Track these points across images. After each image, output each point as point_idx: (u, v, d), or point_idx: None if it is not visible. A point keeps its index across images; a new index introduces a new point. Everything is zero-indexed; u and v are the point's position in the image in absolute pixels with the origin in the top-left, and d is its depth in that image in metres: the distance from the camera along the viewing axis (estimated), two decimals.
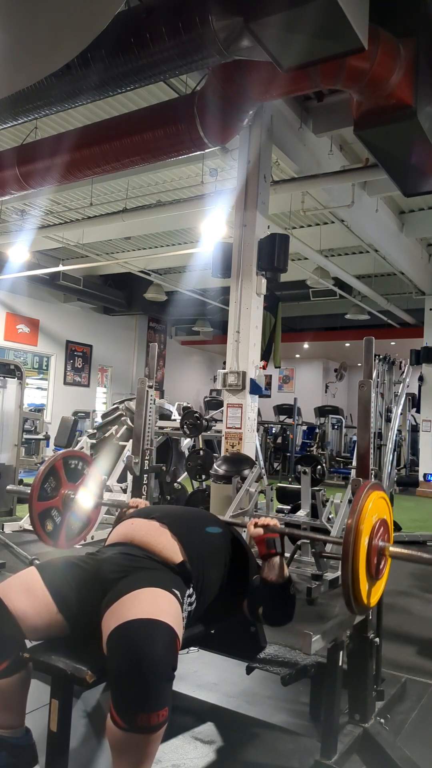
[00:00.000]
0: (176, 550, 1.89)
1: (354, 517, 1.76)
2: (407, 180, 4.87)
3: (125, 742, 1.47)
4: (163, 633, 1.54)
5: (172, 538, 1.92)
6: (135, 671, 1.45)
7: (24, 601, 1.72)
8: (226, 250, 5.71)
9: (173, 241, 10.47)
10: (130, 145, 4.91)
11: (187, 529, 2.02)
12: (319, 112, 5.91)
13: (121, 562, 1.83)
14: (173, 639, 1.56)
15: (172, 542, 1.91)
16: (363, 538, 1.77)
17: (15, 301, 12.14)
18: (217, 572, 2.00)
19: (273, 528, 2.05)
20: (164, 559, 1.86)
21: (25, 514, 5.77)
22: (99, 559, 1.89)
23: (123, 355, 15.09)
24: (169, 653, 1.52)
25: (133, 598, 1.62)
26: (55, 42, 3.01)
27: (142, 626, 1.53)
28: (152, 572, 1.79)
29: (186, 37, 3.46)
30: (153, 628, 1.53)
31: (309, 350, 17.16)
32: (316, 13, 3.10)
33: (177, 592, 1.73)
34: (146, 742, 1.47)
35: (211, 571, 1.97)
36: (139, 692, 1.45)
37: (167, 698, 1.48)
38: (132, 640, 1.51)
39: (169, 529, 1.95)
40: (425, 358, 11.15)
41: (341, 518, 4.47)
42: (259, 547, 2.05)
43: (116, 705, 1.47)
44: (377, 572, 1.83)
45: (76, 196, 8.42)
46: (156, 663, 1.47)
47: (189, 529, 2.04)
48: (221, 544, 2.09)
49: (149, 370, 3.01)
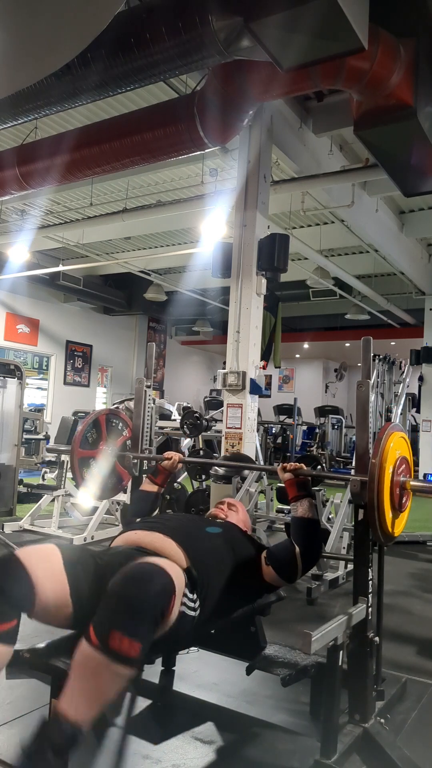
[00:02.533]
0: (181, 557, 1.94)
1: (378, 454, 1.98)
2: (407, 180, 4.88)
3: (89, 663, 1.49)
4: (162, 579, 1.62)
5: (177, 547, 1.97)
6: (125, 597, 1.54)
7: (43, 571, 1.72)
8: (226, 250, 5.71)
9: (173, 241, 10.47)
10: (130, 145, 4.91)
11: (188, 536, 2.06)
12: (319, 112, 5.91)
13: (131, 555, 1.90)
14: (170, 589, 1.63)
15: (177, 550, 1.96)
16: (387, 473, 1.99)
17: (15, 301, 12.14)
18: (221, 574, 2.03)
19: (300, 472, 2.26)
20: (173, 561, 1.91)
21: (25, 514, 5.78)
22: (110, 554, 1.96)
23: (123, 355, 15.09)
24: (161, 597, 1.60)
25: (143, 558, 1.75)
26: (55, 42, 3.01)
27: (145, 566, 1.64)
28: None
29: (186, 37, 3.46)
30: (157, 572, 1.63)
31: (309, 350, 17.16)
32: (316, 13, 3.10)
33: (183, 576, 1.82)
34: (108, 671, 1.48)
35: (215, 576, 2.00)
36: (122, 614, 1.51)
37: (145, 636, 1.52)
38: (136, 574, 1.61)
39: (172, 539, 2.00)
40: (425, 358, 11.15)
41: (341, 518, 4.47)
42: (289, 490, 2.25)
43: (96, 621, 1.53)
44: (400, 505, 2.07)
45: (76, 196, 8.42)
46: (147, 598, 1.55)
47: (190, 535, 2.08)
48: (222, 544, 2.13)
49: (147, 370, 3.01)
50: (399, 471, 2.08)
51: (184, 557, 1.94)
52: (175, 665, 2.55)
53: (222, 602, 2.03)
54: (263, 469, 5.22)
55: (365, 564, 2.11)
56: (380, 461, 1.98)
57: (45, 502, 5.77)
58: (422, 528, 6.46)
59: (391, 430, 2.08)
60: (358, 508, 2.11)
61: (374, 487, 1.96)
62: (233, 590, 2.07)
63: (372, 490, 1.97)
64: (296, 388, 18.46)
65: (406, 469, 2.14)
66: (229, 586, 2.05)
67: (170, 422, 6.97)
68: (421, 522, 6.95)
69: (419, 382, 11.34)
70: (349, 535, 4.49)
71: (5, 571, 1.67)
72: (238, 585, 2.08)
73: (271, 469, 2.54)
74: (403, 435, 2.19)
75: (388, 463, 2.02)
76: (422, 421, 11.42)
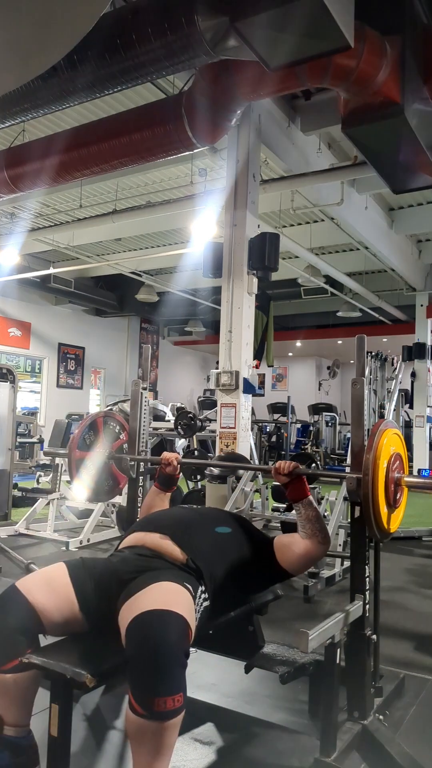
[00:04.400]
0: (177, 554, 2.00)
1: (371, 451, 1.99)
2: (396, 177, 4.89)
3: (144, 730, 1.52)
4: (175, 622, 1.62)
5: (173, 545, 2.02)
6: (150, 657, 1.54)
7: (45, 595, 1.79)
8: (216, 250, 5.71)
9: (164, 241, 10.46)
10: (118, 146, 4.90)
11: (190, 534, 2.10)
12: (307, 111, 5.92)
13: (136, 562, 1.97)
14: (185, 627, 1.64)
15: (174, 548, 2.02)
16: (381, 470, 2.00)
17: (6, 305, 12.09)
18: (228, 571, 2.05)
19: (296, 472, 2.29)
20: (173, 560, 1.98)
21: (20, 518, 5.76)
22: (115, 560, 2.02)
23: (116, 356, 15.06)
24: (182, 640, 1.61)
25: (147, 593, 1.72)
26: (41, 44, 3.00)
27: (156, 616, 1.62)
28: (164, 570, 1.90)
29: (172, 37, 3.45)
30: (166, 617, 1.62)
31: (302, 348, 17.18)
32: (302, 12, 3.10)
33: (189, 586, 1.83)
34: (164, 730, 1.52)
35: (221, 571, 2.03)
36: (155, 677, 1.53)
37: (182, 683, 1.55)
38: (147, 629, 1.59)
39: (171, 539, 2.05)
40: (417, 354, 11.20)
41: (336, 515, 4.48)
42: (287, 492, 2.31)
43: (134, 692, 1.54)
44: (395, 501, 2.09)
45: (66, 198, 8.40)
46: (169, 649, 1.55)
47: (192, 534, 2.11)
48: (231, 543, 2.16)
49: (143, 372, 3.00)
50: (393, 467, 2.09)
51: (180, 553, 1.99)
52: None
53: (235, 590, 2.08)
54: (259, 469, 5.23)
55: (362, 561, 2.12)
56: (374, 458, 1.99)
57: (40, 506, 5.75)
58: (417, 523, 6.48)
59: (384, 427, 2.09)
60: (354, 506, 2.12)
61: (369, 483, 1.97)
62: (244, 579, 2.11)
63: (367, 486, 1.98)
64: (290, 387, 18.49)
65: (400, 466, 2.15)
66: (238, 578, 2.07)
67: (164, 423, 6.96)
68: (416, 517, 6.98)
69: (412, 378, 11.38)
70: (345, 532, 4.49)
71: (8, 610, 1.76)
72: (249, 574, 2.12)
73: (266, 468, 2.55)
74: (397, 431, 2.20)
75: (383, 460, 2.02)
76: (415, 417, 11.46)
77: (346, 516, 4.51)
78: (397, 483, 2.11)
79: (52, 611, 1.78)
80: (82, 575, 1.89)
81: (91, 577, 1.90)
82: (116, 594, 1.81)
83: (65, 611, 1.81)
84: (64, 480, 5.86)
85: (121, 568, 1.93)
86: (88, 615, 1.84)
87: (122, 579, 1.87)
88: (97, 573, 1.92)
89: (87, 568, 1.93)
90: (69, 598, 1.82)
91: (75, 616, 1.83)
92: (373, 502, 1.98)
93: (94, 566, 1.96)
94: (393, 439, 2.14)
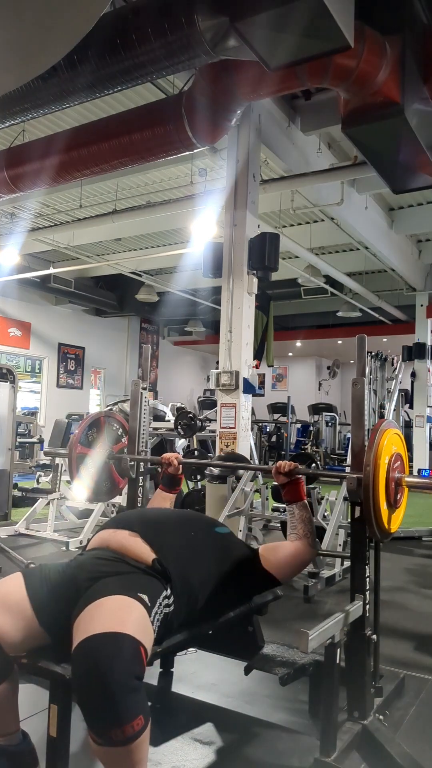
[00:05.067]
0: (148, 552, 1.91)
1: (372, 451, 1.99)
2: (396, 177, 4.89)
3: (110, 757, 1.47)
4: (123, 645, 1.50)
5: (142, 541, 1.94)
6: (97, 690, 1.43)
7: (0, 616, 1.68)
8: (216, 250, 5.71)
9: (164, 241, 10.46)
10: (118, 146, 4.90)
11: (161, 533, 2.03)
12: (307, 111, 5.92)
13: (93, 567, 1.85)
14: (135, 648, 1.52)
15: (144, 546, 1.93)
16: (381, 470, 2.00)
17: (6, 305, 12.10)
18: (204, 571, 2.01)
19: (296, 471, 2.30)
20: (138, 561, 1.88)
21: (20, 518, 5.75)
22: (74, 566, 1.91)
23: (116, 356, 15.06)
24: (132, 664, 1.48)
25: (95, 609, 1.61)
26: (41, 44, 3.00)
27: (101, 642, 1.49)
28: (121, 577, 1.79)
29: (172, 37, 3.45)
30: (112, 641, 1.50)
31: (302, 348, 17.19)
32: (301, 12, 3.10)
33: (144, 596, 1.70)
34: (130, 752, 1.44)
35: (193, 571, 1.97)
36: (106, 709, 1.42)
37: (138, 707, 1.44)
38: (91, 656, 1.48)
39: (140, 536, 1.96)
40: (417, 354, 11.20)
41: (336, 515, 4.48)
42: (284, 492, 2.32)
43: (89, 725, 1.45)
44: (395, 501, 2.09)
45: (66, 198, 8.40)
46: (117, 678, 1.43)
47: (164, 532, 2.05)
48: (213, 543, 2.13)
49: (143, 372, 3.00)
50: (394, 467, 2.09)
51: (148, 552, 1.90)
52: (174, 667, 2.55)
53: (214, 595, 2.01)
54: (259, 468, 5.24)
55: (362, 561, 2.11)
56: (375, 458, 1.99)
57: (40, 506, 5.75)
58: (417, 523, 6.48)
59: (385, 427, 2.09)
60: (354, 506, 2.12)
61: (369, 484, 1.97)
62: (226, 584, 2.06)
63: (367, 486, 1.98)
64: (290, 387, 18.49)
65: (401, 466, 2.15)
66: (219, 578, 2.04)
67: (164, 423, 6.96)
68: (416, 517, 6.98)
69: (412, 378, 11.38)
70: (345, 532, 4.49)
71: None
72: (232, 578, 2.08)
73: (266, 468, 2.55)
74: (397, 431, 2.20)
75: (383, 460, 2.02)
76: (415, 417, 11.47)
77: (346, 516, 4.51)
78: (398, 483, 2.11)
79: (8, 630, 1.67)
80: (39, 586, 1.79)
81: (48, 587, 1.80)
82: (74, 602, 1.71)
83: (21, 628, 1.70)
84: (64, 480, 5.86)
85: (78, 575, 1.83)
86: (48, 627, 1.74)
87: (80, 586, 1.77)
88: (54, 582, 1.82)
89: (44, 578, 1.83)
90: (25, 613, 1.72)
91: (33, 630, 1.72)
92: (374, 502, 1.98)
93: (52, 574, 1.86)
94: (393, 439, 2.14)
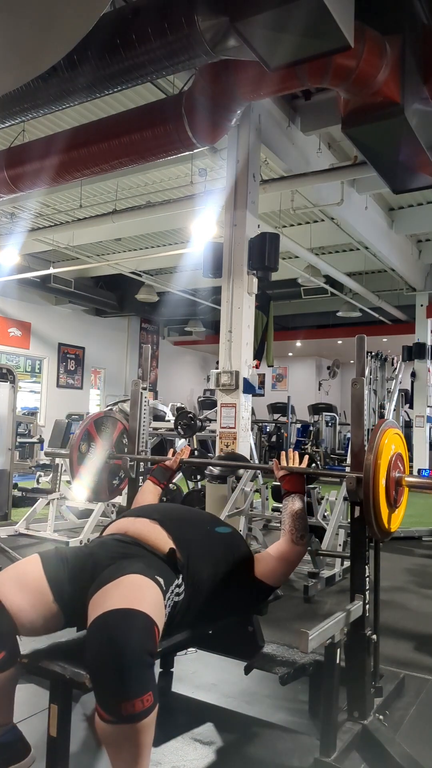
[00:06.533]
0: (166, 540, 1.96)
1: (373, 451, 1.99)
2: (396, 177, 4.89)
3: (116, 736, 1.46)
4: (138, 621, 1.55)
5: (162, 530, 2.00)
6: (111, 661, 1.46)
7: (18, 594, 1.71)
8: (216, 250, 5.71)
9: (164, 241, 10.46)
10: (118, 146, 4.90)
11: (181, 525, 2.08)
12: (307, 111, 5.92)
13: (113, 548, 1.92)
14: (150, 626, 1.57)
15: (163, 534, 1.98)
16: (382, 470, 2.00)
17: (6, 305, 12.10)
18: (213, 569, 2.02)
19: (296, 469, 2.34)
20: (154, 548, 1.94)
21: (20, 518, 5.75)
22: (93, 545, 1.98)
23: (116, 356, 15.06)
24: (146, 640, 1.53)
25: (113, 587, 1.65)
26: (41, 44, 3.00)
27: (117, 616, 1.54)
28: (139, 559, 1.84)
29: (172, 37, 3.45)
30: (129, 617, 1.55)
31: (302, 348, 17.18)
32: (301, 12, 3.10)
33: (160, 579, 1.75)
34: (137, 732, 1.46)
35: (204, 566, 2.00)
36: (119, 680, 1.45)
37: (148, 683, 1.48)
38: (107, 630, 1.52)
39: (159, 524, 2.02)
40: (417, 354, 11.20)
41: (336, 515, 4.48)
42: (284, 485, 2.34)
43: (99, 699, 1.47)
44: (395, 501, 2.09)
45: (66, 198, 8.40)
46: (131, 651, 1.48)
47: (184, 525, 2.10)
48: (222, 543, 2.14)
49: (143, 372, 3.01)
50: (394, 467, 2.09)
51: (169, 540, 1.96)
52: (174, 666, 2.55)
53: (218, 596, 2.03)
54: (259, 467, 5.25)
55: (362, 561, 2.11)
56: (375, 458, 1.99)
57: (40, 506, 5.75)
58: (417, 523, 6.48)
59: (385, 427, 2.08)
60: (354, 506, 2.12)
61: (369, 483, 1.97)
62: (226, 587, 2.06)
63: (368, 486, 1.98)
64: (290, 387, 18.49)
65: (401, 465, 2.15)
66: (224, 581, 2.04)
67: (164, 423, 6.96)
68: (416, 517, 6.98)
69: (412, 378, 11.38)
70: (345, 532, 4.49)
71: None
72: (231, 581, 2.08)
73: (266, 467, 2.56)
74: (398, 431, 2.19)
75: (383, 460, 2.02)
76: (415, 417, 11.46)
77: (346, 516, 4.51)
78: (398, 483, 2.11)
79: (26, 608, 1.71)
80: (56, 564, 1.83)
81: (65, 565, 1.84)
82: (90, 580, 1.76)
83: (39, 606, 1.73)
84: (64, 480, 5.86)
85: (98, 553, 1.89)
86: (63, 605, 1.77)
87: (98, 564, 1.82)
88: (71, 560, 1.87)
89: (61, 558, 1.87)
90: (42, 591, 1.75)
91: (50, 608, 1.75)
92: (374, 502, 1.98)
93: (69, 555, 1.91)
94: (394, 439, 2.14)
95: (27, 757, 1.81)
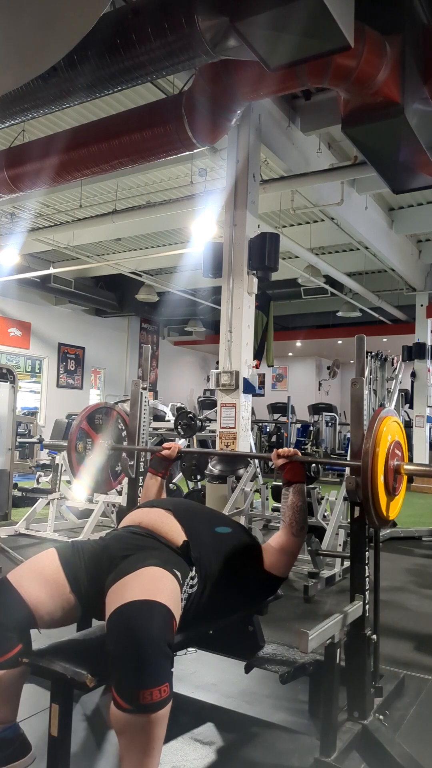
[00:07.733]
0: (180, 532, 1.99)
1: (370, 440, 1.97)
2: (396, 177, 4.88)
3: (131, 725, 1.49)
4: (158, 612, 1.59)
5: (176, 521, 2.02)
6: (132, 650, 1.50)
7: (37, 586, 1.77)
8: (216, 250, 5.71)
9: (164, 241, 10.46)
10: (118, 146, 4.90)
11: (192, 517, 2.11)
12: (307, 111, 5.92)
13: (128, 540, 1.95)
14: (169, 617, 1.61)
15: (176, 525, 2.01)
16: (380, 459, 1.98)
17: (6, 305, 12.10)
18: (222, 564, 2.04)
19: (295, 458, 2.34)
20: (168, 540, 1.96)
21: (20, 518, 5.75)
22: (108, 538, 2.01)
23: (116, 356, 15.07)
24: (165, 630, 1.58)
25: (133, 578, 1.69)
26: (41, 44, 3.00)
27: (138, 607, 1.59)
28: (155, 551, 1.88)
29: (172, 37, 3.45)
30: (149, 608, 1.59)
31: (302, 348, 17.18)
32: (301, 12, 3.10)
33: (177, 572, 1.79)
34: (152, 724, 1.49)
35: (215, 561, 2.02)
36: (137, 670, 1.49)
37: (167, 674, 1.53)
38: (128, 620, 1.56)
39: (173, 515, 2.05)
40: (417, 354, 11.20)
41: (336, 515, 4.48)
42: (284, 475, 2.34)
43: (118, 686, 1.51)
44: (394, 489, 2.07)
45: (66, 198, 8.40)
46: (151, 640, 1.52)
47: (195, 518, 2.13)
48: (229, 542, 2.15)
49: (143, 372, 3.01)
50: (392, 455, 2.08)
51: (183, 532, 1.99)
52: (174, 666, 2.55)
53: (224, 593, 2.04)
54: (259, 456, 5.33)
55: (361, 561, 2.11)
56: (374, 444, 1.98)
57: (40, 506, 5.75)
58: (417, 523, 6.48)
59: (384, 414, 2.07)
60: (354, 506, 2.12)
61: (368, 469, 1.95)
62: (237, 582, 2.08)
63: (366, 472, 1.95)
64: (290, 387, 18.49)
65: (400, 453, 2.14)
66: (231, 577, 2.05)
67: (164, 423, 6.96)
68: (416, 517, 6.99)
69: (412, 378, 11.38)
70: (345, 532, 4.50)
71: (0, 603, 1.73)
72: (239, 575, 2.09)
73: (266, 457, 2.57)
74: (396, 419, 2.18)
75: (382, 447, 2.01)
76: (415, 417, 11.46)
77: (346, 516, 4.51)
78: (397, 471, 2.09)
79: (45, 600, 1.76)
80: (73, 556, 1.89)
81: (81, 557, 1.89)
82: (107, 572, 1.79)
83: (57, 597, 1.79)
84: (64, 480, 5.86)
85: (113, 545, 1.93)
86: (80, 596, 1.83)
87: (113, 556, 1.85)
88: (87, 552, 1.92)
89: (77, 550, 1.93)
90: (60, 582, 1.81)
91: (68, 599, 1.81)
92: (372, 488, 1.96)
93: (85, 546, 1.96)
94: (393, 427, 2.13)
95: (26, 756, 1.81)
